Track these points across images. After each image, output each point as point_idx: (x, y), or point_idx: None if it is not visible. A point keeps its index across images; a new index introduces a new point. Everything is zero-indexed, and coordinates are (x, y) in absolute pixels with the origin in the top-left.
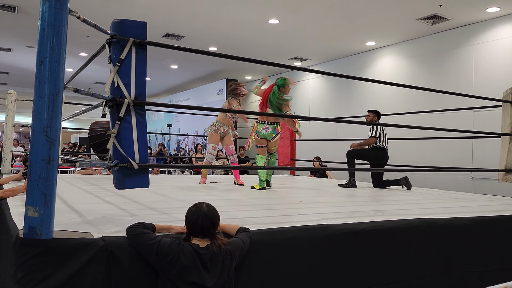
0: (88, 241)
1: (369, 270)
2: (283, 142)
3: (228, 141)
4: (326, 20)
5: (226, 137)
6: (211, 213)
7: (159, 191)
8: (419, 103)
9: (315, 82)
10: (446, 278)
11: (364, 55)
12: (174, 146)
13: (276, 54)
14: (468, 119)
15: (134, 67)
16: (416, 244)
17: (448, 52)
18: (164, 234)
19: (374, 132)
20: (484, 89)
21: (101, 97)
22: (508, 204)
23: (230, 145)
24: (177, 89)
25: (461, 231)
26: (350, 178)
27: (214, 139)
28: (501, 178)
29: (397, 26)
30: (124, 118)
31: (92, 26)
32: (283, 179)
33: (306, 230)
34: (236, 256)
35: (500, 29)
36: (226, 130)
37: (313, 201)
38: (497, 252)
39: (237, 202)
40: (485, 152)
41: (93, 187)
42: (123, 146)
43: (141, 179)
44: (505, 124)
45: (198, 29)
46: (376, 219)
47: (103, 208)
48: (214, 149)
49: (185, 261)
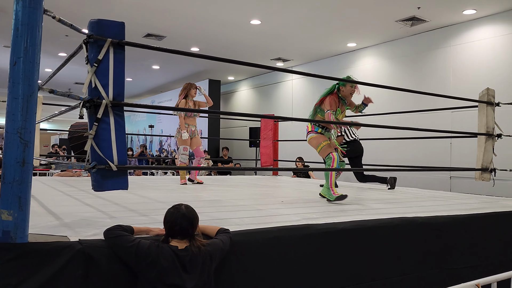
0: (64, 245)
1: (350, 269)
2: (265, 143)
3: (197, 142)
4: (308, 21)
5: (195, 139)
6: (190, 214)
7: (139, 192)
8: (399, 104)
9: (298, 82)
10: (425, 275)
11: (346, 56)
12: (157, 147)
13: (258, 54)
14: (446, 119)
15: (112, 67)
16: (395, 243)
17: (426, 53)
18: (143, 237)
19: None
20: (461, 90)
21: (78, 98)
22: (485, 202)
23: (200, 146)
24: (160, 90)
25: (439, 229)
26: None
27: (183, 141)
28: (478, 177)
29: (377, 28)
30: (102, 119)
31: (68, 26)
32: (265, 179)
33: (286, 230)
34: (216, 257)
35: (477, 31)
36: (194, 130)
37: (295, 201)
38: (473, 250)
39: (218, 203)
40: (463, 151)
41: (72, 189)
42: (101, 148)
43: (120, 180)
44: (481, 124)
45: (180, 29)
46: (356, 218)
47: (81, 210)
48: (185, 150)
49: (164, 263)
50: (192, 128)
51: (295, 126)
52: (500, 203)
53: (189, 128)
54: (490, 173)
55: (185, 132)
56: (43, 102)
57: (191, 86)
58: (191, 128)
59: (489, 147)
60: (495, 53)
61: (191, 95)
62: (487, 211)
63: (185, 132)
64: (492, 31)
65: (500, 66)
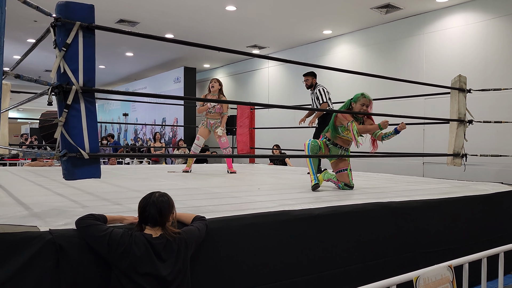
0: (33, 235)
1: (326, 254)
2: (242, 130)
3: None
4: (284, 8)
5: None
6: (160, 202)
7: (113, 181)
8: (374, 90)
9: (274, 70)
10: (399, 259)
11: (321, 43)
12: (132, 136)
13: (234, 41)
14: (419, 106)
15: (82, 52)
16: (370, 227)
17: (400, 41)
18: (116, 225)
19: (325, 97)
20: (434, 77)
21: (46, 83)
22: (456, 186)
23: (221, 138)
24: (134, 78)
25: (412, 213)
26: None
27: (201, 131)
28: (449, 162)
29: (352, 15)
30: (72, 106)
31: (34, 8)
32: (242, 167)
33: (262, 217)
34: (191, 244)
35: (449, 19)
36: (213, 123)
37: (271, 189)
38: (445, 233)
39: (194, 191)
40: (435, 138)
41: (43, 179)
42: (72, 135)
43: (92, 169)
44: (453, 110)
45: (154, 16)
46: (332, 204)
47: (52, 200)
48: (197, 139)
49: (137, 252)
50: (211, 121)
51: (272, 114)
52: (470, 187)
53: (207, 121)
54: (462, 158)
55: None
56: (11, 90)
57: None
58: (209, 121)
59: (460, 133)
60: (466, 40)
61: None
62: (458, 195)
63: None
64: (464, 19)
65: (472, 53)
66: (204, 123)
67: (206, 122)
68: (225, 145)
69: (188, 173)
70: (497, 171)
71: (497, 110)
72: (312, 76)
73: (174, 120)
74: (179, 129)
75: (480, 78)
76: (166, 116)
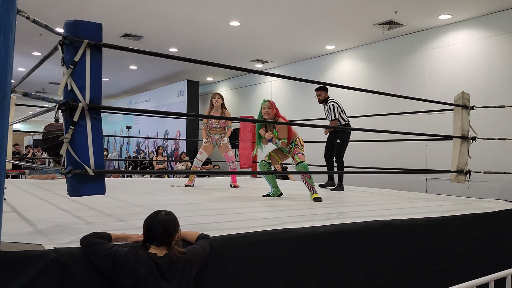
0: (38, 253)
1: (330, 273)
2: (244, 144)
3: (224, 149)
4: (287, 23)
5: (222, 146)
6: (167, 221)
7: (116, 196)
8: (376, 106)
9: (277, 84)
10: (404, 277)
11: (324, 58)
12: (134, 149)
13: (237, 56)
14: (422, 121)
15: (89, 69)
16: (374, 246)
17: (403, 57)
18: (121, 244)
19: (333, 114)
20: (437, 93)
21: (53, 101)
22: (460, 204)
23: (228, 152)
24: (137, 90)
25: (417, 232)
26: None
27: (205, 146)
28: (453, 179)
29: (355, 31)
30: (78, 122)
31: (43, 27)
32: (245, 181)
33: (267, 235)
34: (196, 263)
35: (452, 36)
36: (218, 138)
37: (274, 204)
38: (449, 251)
39: (197, 206)
40: (438, 153)
41: (47, 192)
42: (77, 152)
43: (97, 185)
44: (456, 127)
45: (158, 30)
46: (335, 222)
47: (56, 216)
48: (200, 153)
49: (142, 271)
50: (216, 137)
51: None
52: (475, 204)
53: (211, 136)
54: (465, 175)
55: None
56: (16, 102)
57: (212, 96)
58: (214, 137)
59: (464, 149)
60: (469, 57)
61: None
62: (462, 212)
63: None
64: (466, 36)
65: (475, 70)
66: (208, 138)
67: (211, 138)
68: (231, 159)
69: (191, 187)
70: (501, 188)
71: (501, 126)
72: (325, 91)
73: (176, 133)
74: (181, 142)
75: (483, 95)
76: (168, 128)
